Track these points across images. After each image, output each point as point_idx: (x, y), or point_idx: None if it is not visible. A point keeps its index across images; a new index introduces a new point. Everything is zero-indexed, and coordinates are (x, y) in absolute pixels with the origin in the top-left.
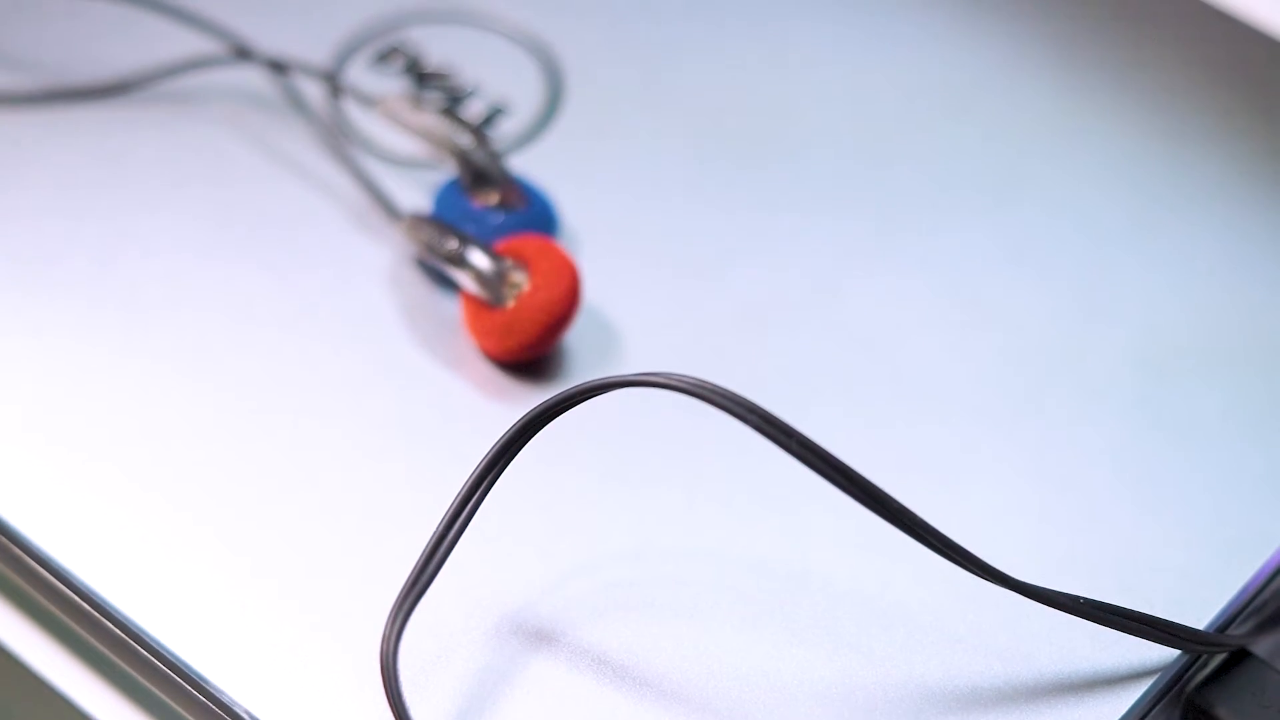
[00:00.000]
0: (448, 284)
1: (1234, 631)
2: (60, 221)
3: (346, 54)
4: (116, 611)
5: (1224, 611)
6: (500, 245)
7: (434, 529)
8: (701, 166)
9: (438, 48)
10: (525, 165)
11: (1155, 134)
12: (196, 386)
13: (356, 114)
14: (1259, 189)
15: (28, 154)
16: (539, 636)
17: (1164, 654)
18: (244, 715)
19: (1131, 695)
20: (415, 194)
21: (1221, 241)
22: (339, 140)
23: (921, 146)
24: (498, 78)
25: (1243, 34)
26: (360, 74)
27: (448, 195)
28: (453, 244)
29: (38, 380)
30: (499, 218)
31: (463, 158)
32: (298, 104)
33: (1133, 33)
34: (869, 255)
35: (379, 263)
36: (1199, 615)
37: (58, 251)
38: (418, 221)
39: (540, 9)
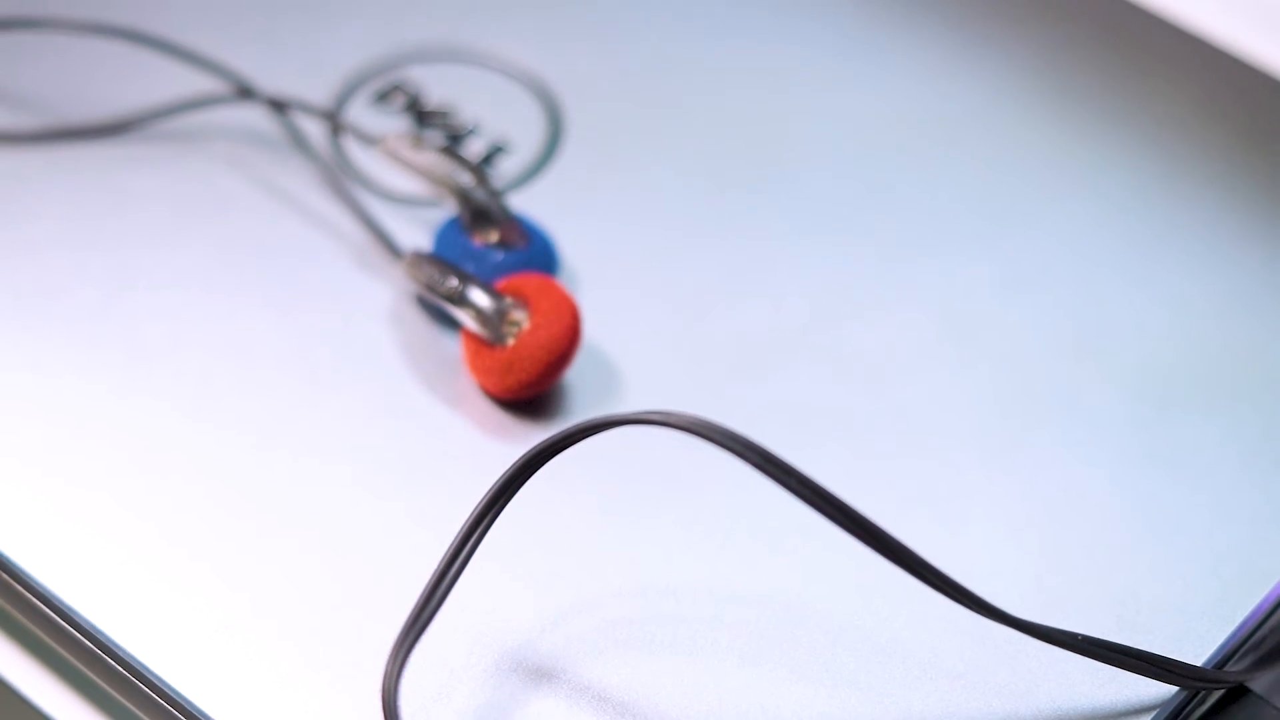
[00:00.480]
0: (448, 322)
1: (1232, 668)
2: (63, 257)
3: (347, 93)
4: (117, 647)
5: (1222, 648)
6: (501, 283)
7: (435, 566)
8: (701, 203)
9: (437, 86)
10: (525, 203)
11: (1151, 168)
12: (197, 423)
13: (357, 152)
14: (1254, 222)
15: (32, 191)
16: (540, 673)
17: (1162, 690)
18: None
19: None
20: (416, 232)
21: (1217, 275)
22: (340, 178)
23: (919, 180)
24: (497, 116)
25: (1237, 69)
26: (361, 112)
27: (448, 233)
28: (453, 282)
29: (39, 415)
30: (499, 256)
31: (463, 196)
32: (299, 142)
33: (1129, 67)
34: (867, 290)
35: (380, 300)
36: (1197, 651)
37: (60, 287)
38: (418, 259)
39: (539, 47)
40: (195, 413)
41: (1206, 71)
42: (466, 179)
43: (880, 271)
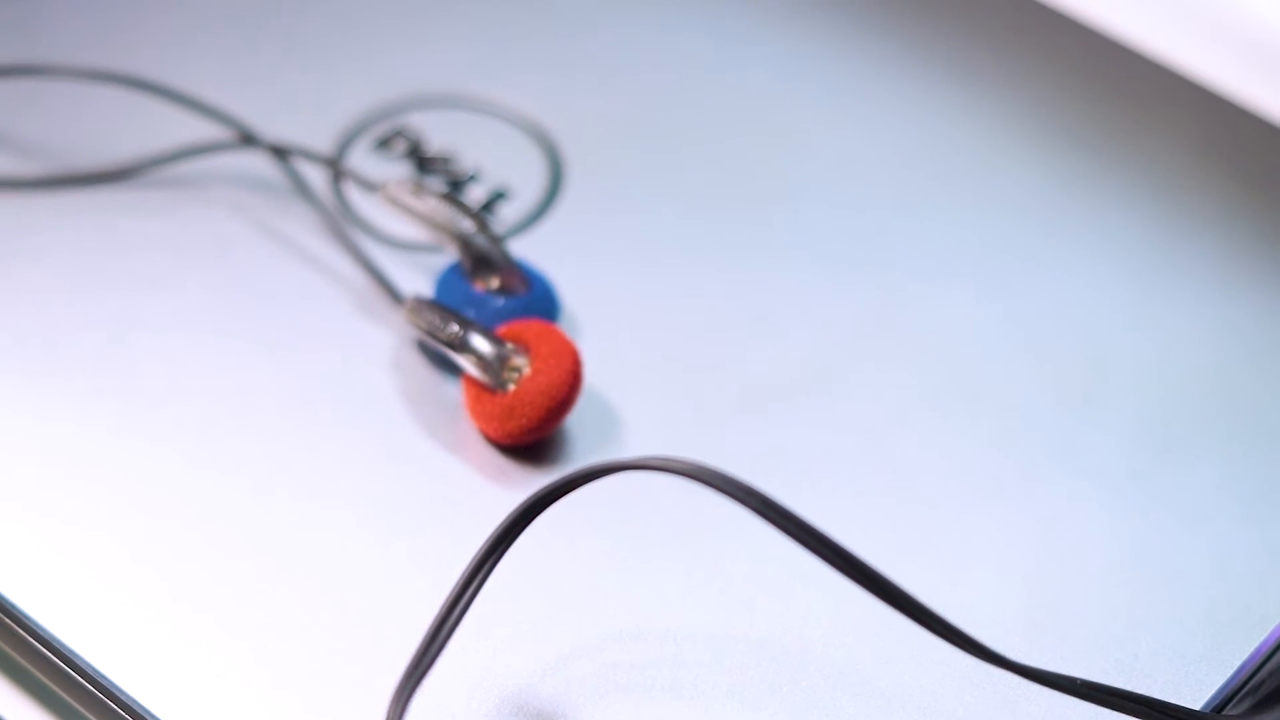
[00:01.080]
0: (449, 367)
1: (1231, 711)
2: (65, 302)
3: (348, 139)
4: (116, 689)
5: (1220, 691)
6: (502, 329)
7: (436, 612)
8: (701, 248)
9: (438, 133)
10: (526, 249)
11: (1151, 212)
12: (197, 466)
13: (358, 198)
14: (1253, 266)
15: (34, 236)
16: (541, 718)
17: None
18: None
19: None
20: (417, 278)
21: (1217, 319)
22: (341, 224)
23: (920, 224)
24: (498, 162)
25: (1236, 114)
26: (362, 158)
27: (449, 279)
28: (454, 328)
29: (39, 457)
30: (500, 302)
31: (464, 242)
32: (300, 188)
33: (1129, 111)
34: (867, 334)
35: (381, 346)
36: (1196, 695)
37: (62, 331)
38: (419, 305)
39: (539, 94)
40: (195, 456)
41: (1205, 116)
42: (467, 225)
43: (881, 316)
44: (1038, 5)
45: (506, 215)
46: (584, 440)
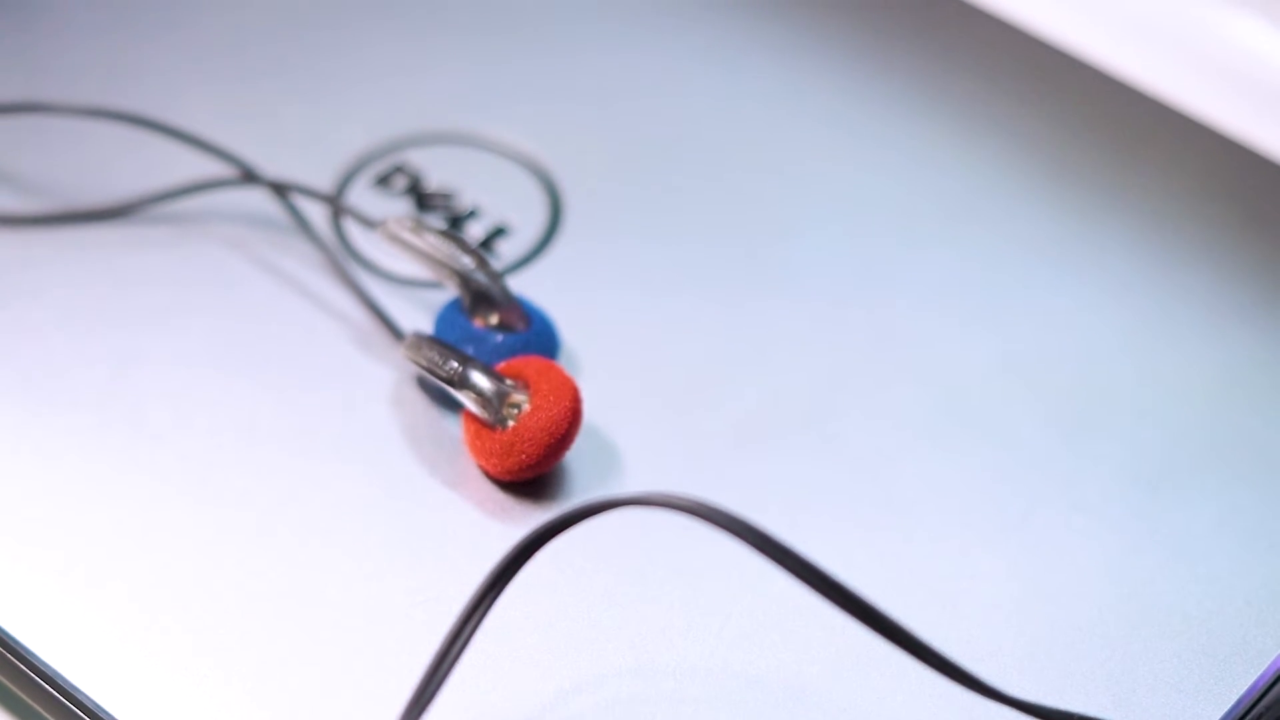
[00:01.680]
0: (449, 404)
1: None
2: (66, 339)
3: (348, 176)
4: None
5: None
6: (501, 366)
7: (436, 648)
8: (700, 283)
9: (438, 170)
10: (526, 285)
11: (1148, 249)
12: (199, 503)
13: (358, 235)
14: (1251, 303)
15: (35, 273)
16: None
17: None
18: None
19: None
20: (417, 314)
21: (1214, 356)
22: (341, 261)
23: (916, 262)
24: (498, 198)
25: (1233, 151)
26: (362, 195)
27: (449, 315)
28: (454, 365)
29: (41, 494)
30: (500, 338)
31: (464, 279)
32: (301, 225)
33: (1126, 148)
34: (866, 370)
35: (381, 382)
36: None
37: (63, 368)
38: (419, 342)
39: (538, 130)
40: (197, 492)
41: (1203, 152)
42: (467, 261)
43: (878, 350)
44: (1036, 42)
45: (506, 251)
46: (584, 476)
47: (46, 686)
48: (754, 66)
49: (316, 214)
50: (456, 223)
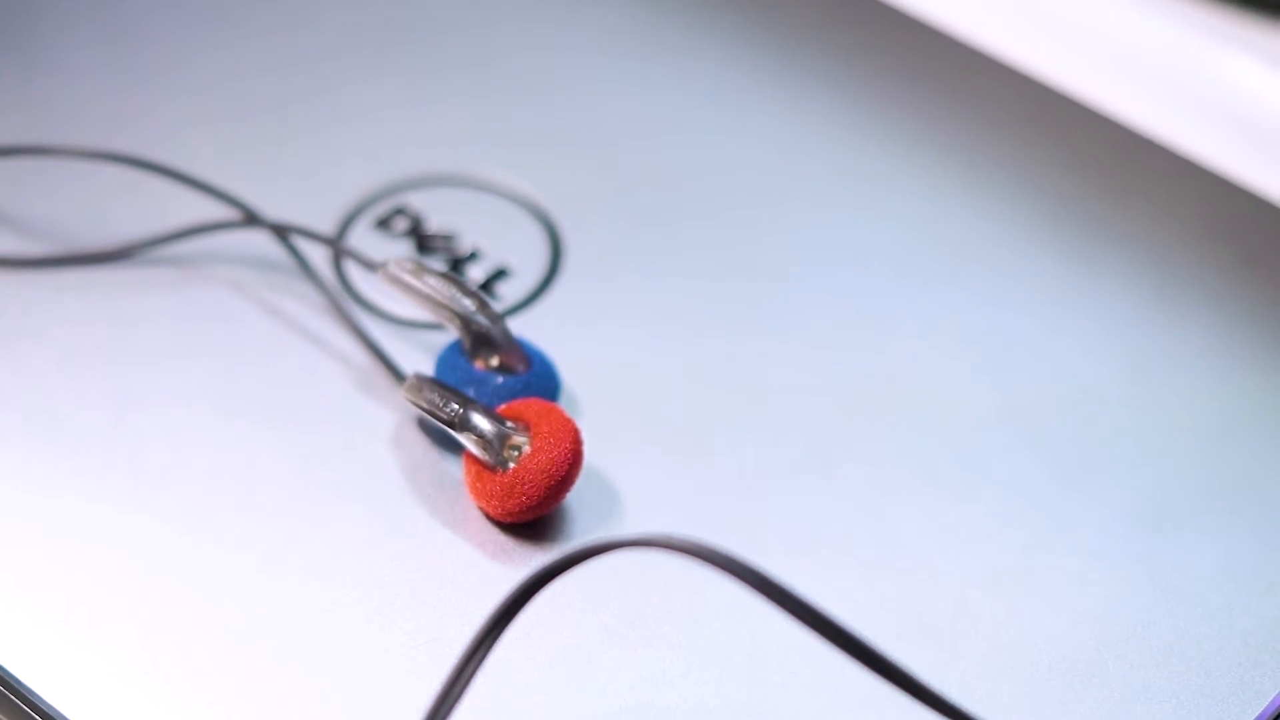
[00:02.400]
0: (450, 445)
1: None
2: (68, 381)
3: (349, 218)
4: None
5: None
6: (502, 408)
7: (437, 689)
8: (700, 325)
9: (438, 212)
10: (526, 327)
11: (1146, 291)
12: (200, 545)
13: (359, 277)
14: (1249, 345)
15: (38, 315)
16: None
17: None
18: None
19: None
20: (417, 356)
21: (1213, 398)
22: (342, 303)
23: (916, 304)
24: (498, 240)
25: (1231, 192)
26: (363, 237)
27: (449, 357)
28: (454, 407)
29: (42, 536)
30: (500, 380)
31: (464, 321)
32: (302, 267)
33: (1123, 189)
34: (866, 414)
35: (382, 424)
36: None
37: (65, 410)
38: (420, 383)
39: (539, 172)
40: (198, 535)
41: (1201, 194)
42: (467, 304)
43: (880, 392)
44: (1036, 84)
45: (506, 293)
46: (584, 517)
47: None
48: (754, 108)
49: (317, 256)
50: (457, 265)
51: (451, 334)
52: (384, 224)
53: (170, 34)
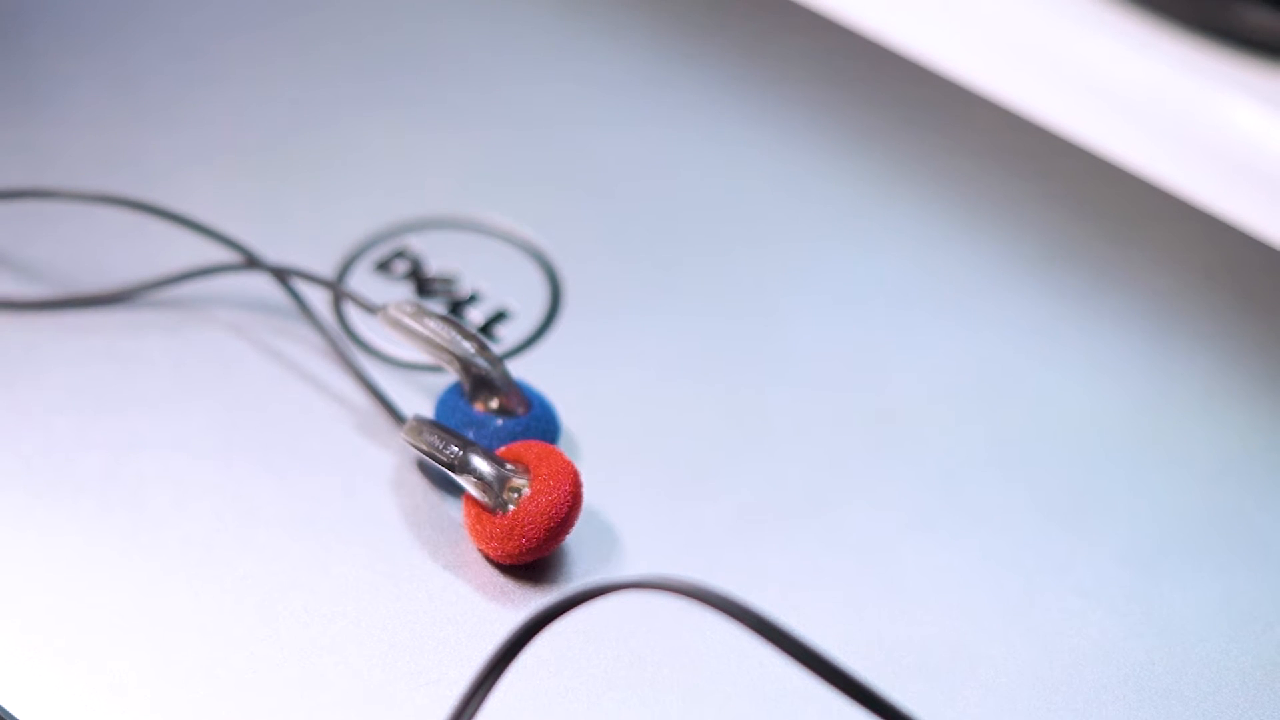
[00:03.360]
0: (450, 487)
1: None
2: (69, 423)
3: (349, 261)
4: None
5: None
6: (502, 450)
7: None
8: (698, 367)
9: (438, 254)
10: (525, 369)
11: (1143, 334)
12: (201, 585)
13: (359, 320)
14: (1245, 387)
15: (39, 357)
16: None
17: None
18: None
19: None
20: (417, 398)
21: (1209, 440)
22: (342, 345)
23: (913, 345)
24: (498, 283)
25: (1228, 234)
26: (363, 280)
27: (449, 399)
28: (454, 449)
29: (43, 577)
30: (500, 422)
31: (464, 363)
32: (302, 310)
33: (1126, 234)
34: (863, 456)
35: (382, 466)
36: None
37: (66, 452)
38: (420, 426)
39: (537, 214)
40: (200, 576)
41: (1199, 236)
42: (467, 346)
43: (877, 436)
44: (1036, 127)
45: (506, 336)
46: (584, 559)
47: None
48: (751, 149)
49: (318, 299)
50: (457, 307)
51: (451, 376)
52: (384, 267)
53: (170, 78)
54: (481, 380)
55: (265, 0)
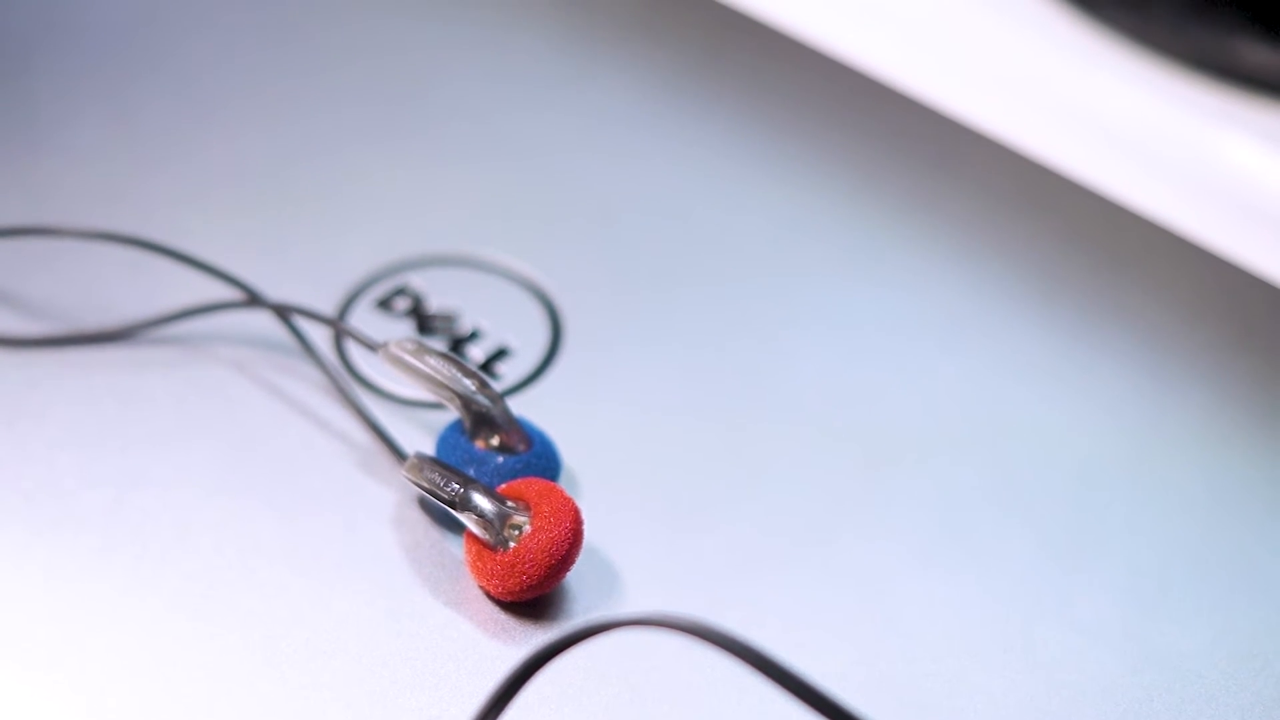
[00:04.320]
0: (451, 524)
1: None
2: (71, 460)
3: (351, 298)
4: None
5: None
6: (503, 487)
7: None
8: (700, 404)
9: (439, 291)
10: (526, 406)
11: (1140, 368)
12: (203, 623)
13: (361, 357)
14: (1242, 422)
15: (41, 394)
16: None
17: None
18: None
19: None
20: (418, 435)
21: (1207, 476)
22: (344, 383)
23: (912, 380)
24: (498, 320)
25: (1224, 269)
26: (364, 317)
27: (450, 437)
28: (455, 486)
29: (45, 615)
30: (501, 460)
31: (465, 400)
32: (304, 347)
33: (1116, 267)
34: (860, 495)
35: (383, 503)
36: None
37: (68, 490)
38: (421, 463)
39: (538, 251)
40: (201, 613)
41: (1195, 272)
42: (468, 384)
43: (877, 472)
44: (1033, 163)
45: (507, 373)
46: (584, 596)
47: None
48: (750, 186)
49: (319, 336)
50: (458, 344)
51: (452, 413)
52: (385, 304)
53: (170, 116)
54: (482, 417)
55: (265, 37)
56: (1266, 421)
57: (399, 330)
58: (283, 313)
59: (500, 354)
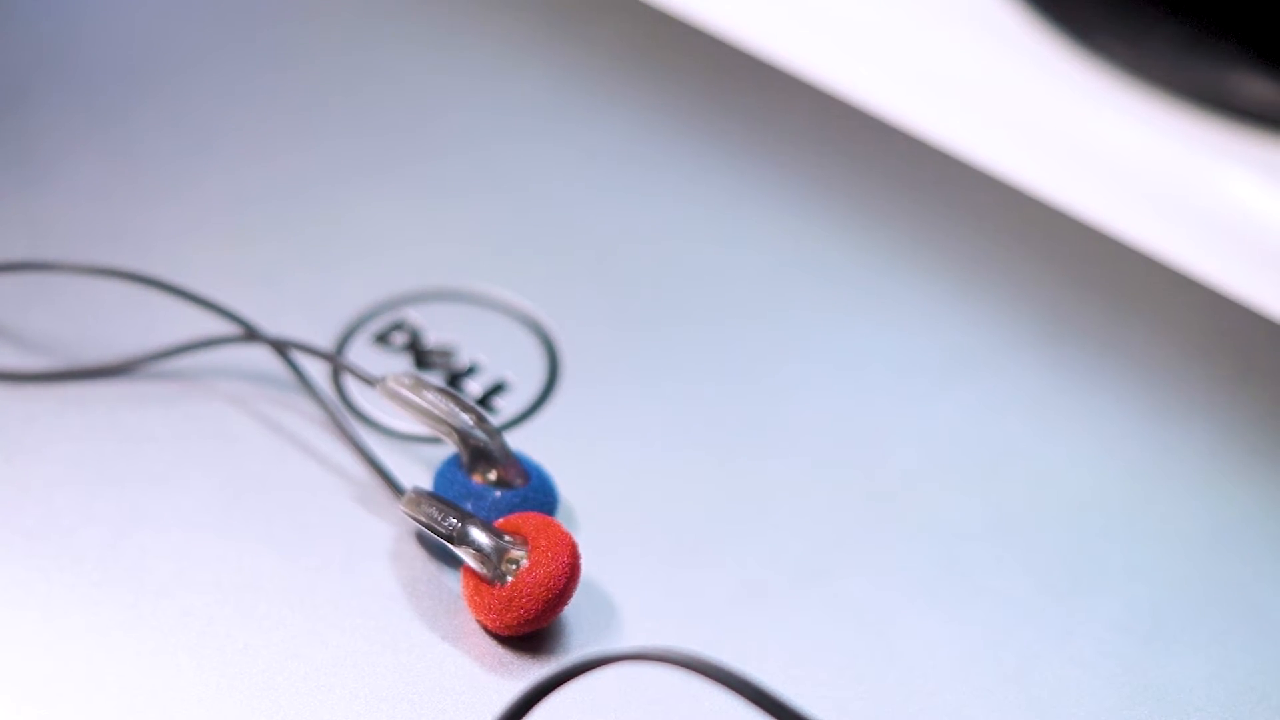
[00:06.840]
0: (448, 559)
1: None
2: (70, 496)
3: (348, 333)
4: None
5: None
6: (500, 522)
7: None
8: (698, 439)
9: (437, 326)
10: (524, 441)
11: (1140, 404)
12: (202, 659)
13: (358, 392)
14: (1242, 459)
15: (40, 430)
16: None
17: None
18: None
19: None
20: (416, 470)
21: (1206, 512)
22: (341, 417)
23: (911, 417)
24: (496, 354)
25: (1224, 306)
26: (362, 352)
27: (448, 471)
28: (453, 521)
29: (44, 652)
30: (498, 494)
31: (462, 435)
32: (302, 382)
33: (1122, 307)
34: (861, 528)
35: (381, 537)
36: None
37: (67, 525)
38: (418, 497)
39: (536, 286)
40: (199, 648)
41: (1195, 308)
42: (466, 418)
43: (875, 507)
44: (1034, 201)
45: (504, 407)
46: (582, 630)
47: None
48: (750, 221)
49: (317, 371)
50: (455, 379)
51: (450, 448)
52: (383, 339)
53: (169, 151)
54: (480, 452)
55: (264, 74)
56: (1266, 457)
57: (397, 365)
58: (281, 348)
59: (498, 389)
